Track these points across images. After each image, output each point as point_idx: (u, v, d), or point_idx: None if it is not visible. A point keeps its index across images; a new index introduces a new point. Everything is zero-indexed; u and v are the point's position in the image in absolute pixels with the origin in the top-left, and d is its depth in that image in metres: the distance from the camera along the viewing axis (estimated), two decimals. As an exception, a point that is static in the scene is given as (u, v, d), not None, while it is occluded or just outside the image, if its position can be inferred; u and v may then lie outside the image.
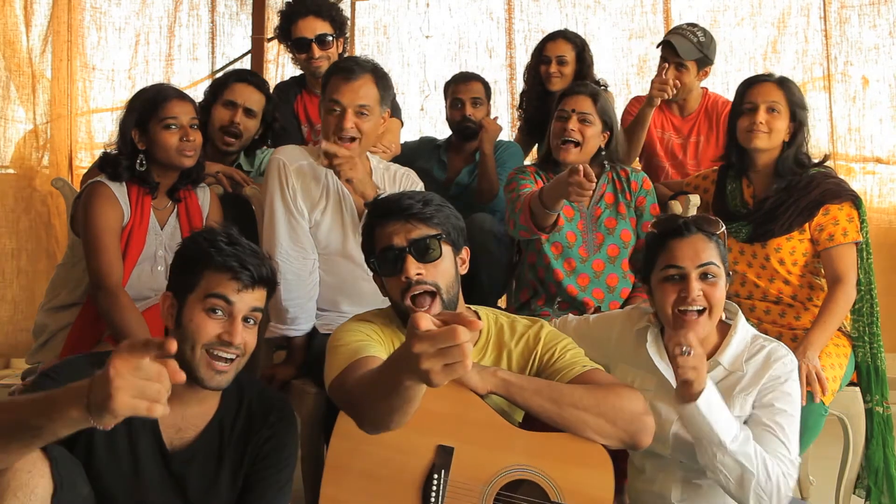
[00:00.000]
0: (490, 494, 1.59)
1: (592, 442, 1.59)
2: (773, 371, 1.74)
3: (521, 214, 2.26)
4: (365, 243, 1.75)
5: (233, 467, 1.63)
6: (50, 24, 3.92)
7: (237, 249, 1.55)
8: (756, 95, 2.31)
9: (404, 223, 1.66)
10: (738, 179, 2.43)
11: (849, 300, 2.19)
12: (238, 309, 1.53)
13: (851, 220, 2.23)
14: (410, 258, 1.64)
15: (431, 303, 1.63)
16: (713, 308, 1.73)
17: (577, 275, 2.37)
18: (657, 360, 1.82)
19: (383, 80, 2.21)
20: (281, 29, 2.87)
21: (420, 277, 1.64)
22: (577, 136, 2.36)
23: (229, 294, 1.53)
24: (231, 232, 1.60)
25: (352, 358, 1.60)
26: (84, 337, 2.19)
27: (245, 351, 1.56)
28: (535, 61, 3.16)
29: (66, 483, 1.39)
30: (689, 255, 1.73)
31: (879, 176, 3.77)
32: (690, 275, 1.72)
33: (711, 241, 1.76)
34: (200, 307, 1.53)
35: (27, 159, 3.95)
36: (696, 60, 2.88)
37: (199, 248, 1.57)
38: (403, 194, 1.72)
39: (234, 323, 1.53)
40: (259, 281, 1.56)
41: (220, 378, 1.54)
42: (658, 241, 1.79)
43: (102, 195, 2.16)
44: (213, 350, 1.52)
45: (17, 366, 3.75)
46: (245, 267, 1.53)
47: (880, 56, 3.74)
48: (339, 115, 2.14)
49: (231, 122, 2.63)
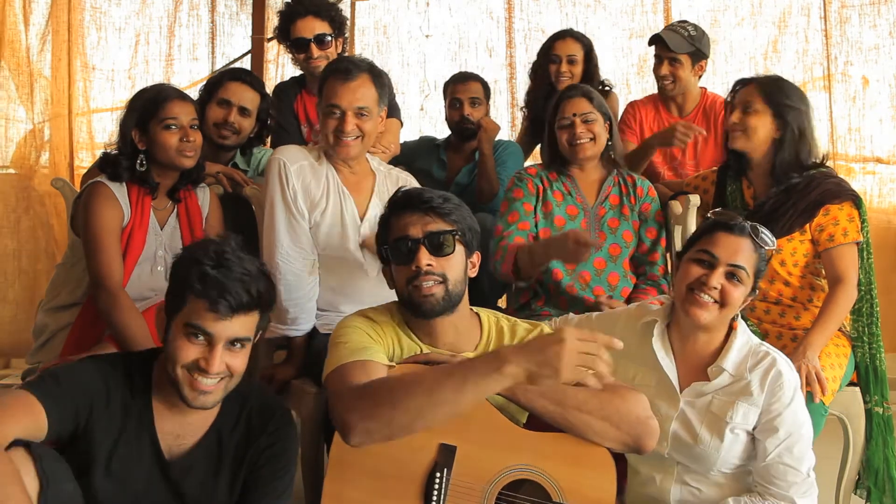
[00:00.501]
0: (492, 494, 1.59)
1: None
2: (777, 395, 1.74)
3: (503, 264, 2.32)
4: (380, 232, 1.76)
5: (231, 475, 1.63)
6: (48, 23, 3.91)
7: (221, 273, 1.49)
8: (734, 97, 2.33)
9: (422, 215, 1.67)
10: (738, 180, 2.43)
11: (849, 300, 2.19)
12: (217, 339, 1.50)
13: (852, 220, 2.23)
14: (424, 249, 1.65)
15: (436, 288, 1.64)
16: (726, 306, 1.75)
17: (579, 272, 2.38)
18: (661, 355, 1.82)
19: (380, 78, 2.21)
20: (280, 29, 2.87)
21: (430, 268, 1.65)
22: (587, 136, 2.40)
23: (206, 325, 1.49)
24: (223, 250, 1.53)
25: (355, 357, 1.61)
26: (84, 337, 2.18)
27: (232, 373, 1.54)
28: (542, 60, 3.16)
29: (52, 480, 1.39)
30: (727, 250, 1.76)
31: (879, 176, 3.77)
32: (719, 267, 1.75)
33: (756, 252, 1.78)
34: (182, 332, 1.51)
35: (27, 159, 3.95)
36: (689, 54, 2.90)
37: (184, 269, 1.53)
38: (425, 189, 1.74)
39: (212, 351, 1.50)
40: (240, 308, 1.50)
41: (204, 398, 1.52)
42: (709, 226, 1.82)
43: (102, 195, 2.16)
44: (193, 373, 1.51)
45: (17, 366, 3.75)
46: (224, 296, 1.48)
47: (880, 56, 3.74)
48: (338, 118, 2.14)
49: (225, 120, 2.64)
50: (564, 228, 2.39)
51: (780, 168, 2.28)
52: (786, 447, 1.72)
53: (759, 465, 1.75)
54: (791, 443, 1.72)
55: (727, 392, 1.77)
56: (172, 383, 1.54)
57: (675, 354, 1.84)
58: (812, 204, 2.24)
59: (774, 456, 1.72)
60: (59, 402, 1.48)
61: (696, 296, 1.75)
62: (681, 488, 1.82)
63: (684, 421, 1.79)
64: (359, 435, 1.50)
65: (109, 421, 1.54)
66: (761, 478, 1.74)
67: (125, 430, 1.55)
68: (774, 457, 1.72)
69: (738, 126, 2.29)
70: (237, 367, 1.55)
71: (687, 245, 1.87)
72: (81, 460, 1.52)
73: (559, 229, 2.39)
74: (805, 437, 1.74)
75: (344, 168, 2.26)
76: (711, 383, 1.78)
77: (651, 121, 3.07)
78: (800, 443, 1.73)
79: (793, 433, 1.72)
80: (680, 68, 2.90)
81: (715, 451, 1.76)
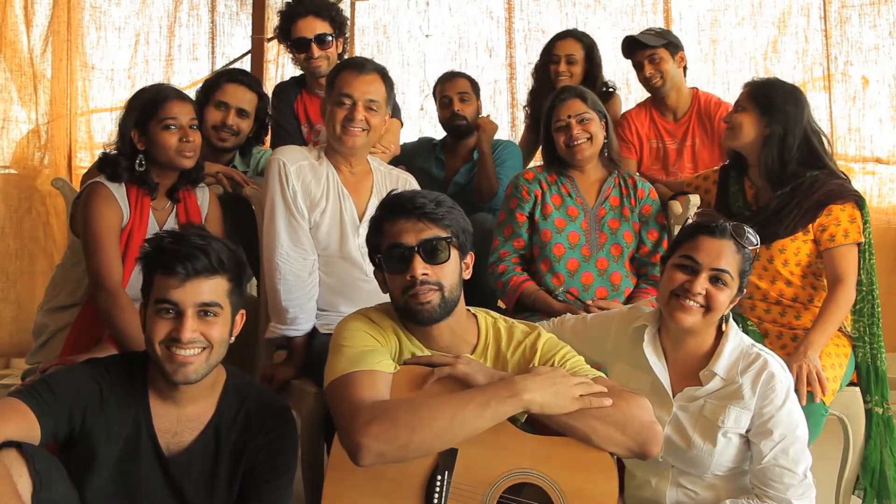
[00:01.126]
0: (493, 497, 1.59)
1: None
2: (770, 398, 1.73)
3: (505, 299, 2.38)
4: (371, 237, 1.74)
5: (229, 471, 1.63)
6: (50, 23, 3.91)
7: (178, 245, 1.54)
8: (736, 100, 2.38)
9: (415, 222, 1.65)
10: (740, 180, 2.42)
11: (849, 301, 2.19)
12: (183, 306, 1.53)
13: (853, 221, 2.22)
14: (418, 258, 1.63)
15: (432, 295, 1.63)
16: (711, 310, 1.75)
17: (581, 273, 2.38)
18: (653, 360, 1.82)
19: (389, 81, 2.26)
20: (281, 29, 2.87)
21: (425, 277, 1.63)
22: (583, 136, 2.40)
23: (170, 294, 1.53)
24: (185, 229, 1.60)
25: (359, 365, 1.59)
26: (84, 337, 2.18)
27: (210, 343, 1.55)
28: (544, 59, 3.16)
29: (45, 481, 1.39)
30: (709, 255, 1.75)
31: (879, 176, 3.77)
32: (702, 273, 1.74)
33: (739, 252, 1.77)
34: (153, 310, 1.55)
35: (29, 159, 3.95)
36: (664, 46, 2.91)
37: (146, 252, 1.58)
38: (417, 193, 1.72)
39: (182, 319, 1.53)
40: (198, 272, 1.53)
41: (184, 370, 1.53)
42: (691, 230, 1.82)
43: (102, 196, 2.16)
44: (170, 348, 1.53)
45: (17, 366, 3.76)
46: (179, 261, 1.52)
47: (880, 56, 3.74)
48: (349, 107, 2.16)
49: (224, 123, 2.65)
50: (565, 230, 2.39)
51: (763, 167, 2.28)
52: (781, 449, 1.71)
53: (755, 467, 1.74)
54: (786, 444, 1.71)
55: (719, 396, 1.76)
56: (157, 367, 1.55)
57: (667, 358, 1.83)
58: (815, 204, 2.23)
59: (770, 458, 1.71)
60: (50, 408, 1.48)
61: (681, 301, 1.75)
62: (676, 491, 1.82)
63: (677, 425, 1.79)
64: (371, 457, 1.48)
65: (107, 421, 1.55)
66: (758, 480, 1.74)
67: (124, 429, 1.56)
68: (770, 459, 1.71)
69: (727, 123, 2.35)
70: (214, 335, 1.56)
71: (670, 249, 1.86)
72: (82, 460, 1.53)
73: (559, 231, 2.39)
74: (800, 438, 1.73)
75: (344, 168, 2.27)
76: (703, 388, 1.77)
77: (647, 129, 3.06)
78: (795, 444, 1.72)
79: (787, 435, 1.72)
80: (662, 63, 2.91)
81: (708, 456, 1.76)
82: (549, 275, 2.37)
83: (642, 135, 3.05)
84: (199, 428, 1.62)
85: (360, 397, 1.53)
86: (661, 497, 1.81)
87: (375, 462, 1.49)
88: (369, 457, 1.48)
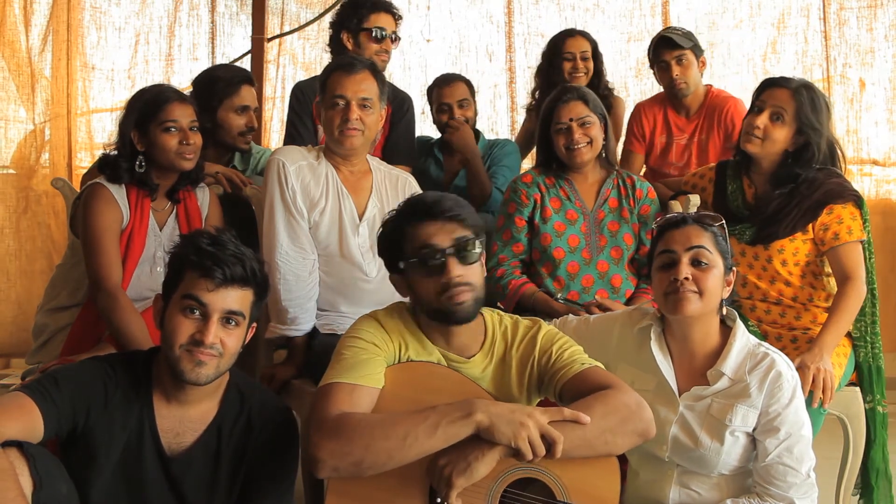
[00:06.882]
0: (497, 492, 1.59)
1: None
2: (777, 396, 1.73)
3: (505, 302, 2.35)
4: (389, 242, 1.72)
5: (230, 473, 1.63)
6: (49, 23, 3.91)
7: (216, 249, 1.55)
8: (767, 97, 2.26)
9: (443, 224, 1.64)
10: (739, 179, 2.42)
11: (860, 297, 2.18)
12: (212, 309, 1.53)
13: (855, 219, 2.22)
14: (453, 260, 1.63)
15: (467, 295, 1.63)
16: (704, 294, 1.75)
17: (581, 276, 2.38)
18: (660, 359, 1.82)
19: (379, 75, 2.27)
20: (352, 15, 2.83)
21: (460, 279, 1.63)
22: (584, 140, 2.37)
23: (201, 295, 1.53)
24: (220, 234, 1.59)
25: (347, 377, 1.58)
26: (83, 338, 2.18)
27: (223, 352, 1.55)
28: (551, 59, 3.14)
29: (46, 481, 1.39)
30: (680, 241, 1.78)
31: (875, 178, 3.80)
32: (681, 258, 1.76)
33: (707, 231, 1.79)
34: (178, 307, 1.55)
35: (28, 159, 3.95)
36: (692, 49, 2.91)
37: (182, 248, 1.58)
38: (438, 195, 1.71)
39: (207, 323, 1.53)
40: (234, 280, 1.54)
41: (198, 371, 1.53)
42: (658, 234, 1.84)
43: (102, 197, 2.16)
44: (190, 349, 1.53)
45: (17, 366, 3.75)
46: (218, 265, 1.52)
47: (876, 59, 3.75)
48: (343, 108, 2.16)
49: (248, 126, 2.70)
50: (564, 234, 2.38)
51: (778, 178, 2.28)
52: (786, 447, 1.71)
53: (759, 465, 1.74)
54: (791, 443, 1.72)
55: (726, 395, 1.76)
56: (169, 366, 1.55)
57: (674, 358, 1.83)
58: (815, 203, 2.23)
59: (774, 456, 1.71)
60: (55, 404, 1.48)
61: (674, 295, 1.75)
62: (679, 490, 1.81)
63: (684, 425, 1.78)
64: (326, 471, 1.51)
65: (110, 420, 1.55)
66: (761, 478, 1.74)
67: (126, 428, 1.56)
68: (774, 457, 1.71)
69: (757, 132, 2.24)
70: (230, 345, 1.56)
71: (648, 261, 1.89)
72: (84, 459, 1.52)
73: (559, 234, 2.39)
74: (805, 437, 1.73)
75: (343, 168, 2.27)
76: (711, 387, 1.78)
77: (660, 124, 3.07)
78: (800, 443, 1.72)
79: (793, 433, 1.72)
80: (689, 67, 2.91)
81: (716, 455, 1.75)
82: (550, 278, 2.37)
83: (655, 130, 3.06)
84: (202, 429, 1.62)
85: (328, 410, 1.53)
86: (664, 496, 1.81)
87: (332, 475, 1.53)
88: (325, 471, 1.51)
